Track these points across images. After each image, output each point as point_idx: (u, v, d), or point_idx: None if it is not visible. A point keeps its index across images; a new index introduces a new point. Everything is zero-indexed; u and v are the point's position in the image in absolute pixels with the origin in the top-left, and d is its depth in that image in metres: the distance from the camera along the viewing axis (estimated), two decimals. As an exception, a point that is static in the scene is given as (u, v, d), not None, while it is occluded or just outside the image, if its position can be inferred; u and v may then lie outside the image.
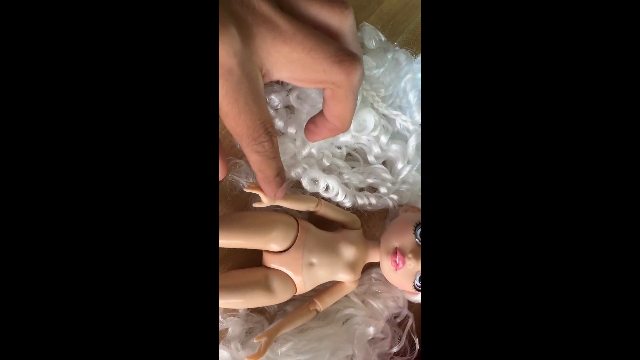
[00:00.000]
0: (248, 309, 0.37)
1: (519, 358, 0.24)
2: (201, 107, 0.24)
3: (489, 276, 0.24)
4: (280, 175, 0.32)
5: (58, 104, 0.23)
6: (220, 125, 0.39)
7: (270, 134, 0.29)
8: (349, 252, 0.36)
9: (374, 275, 0.39)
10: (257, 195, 0.34)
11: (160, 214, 0.24)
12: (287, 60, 0.28)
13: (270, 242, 0.34)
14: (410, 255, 0.34)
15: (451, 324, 0.24)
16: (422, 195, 0.36)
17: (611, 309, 0.23)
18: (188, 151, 0.24)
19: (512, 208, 0.24)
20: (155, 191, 0.24)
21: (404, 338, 0.38)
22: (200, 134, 0.24)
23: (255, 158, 0.30)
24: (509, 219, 0.24)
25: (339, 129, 0.33)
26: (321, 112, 0.33)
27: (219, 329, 0.36)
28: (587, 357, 0.23)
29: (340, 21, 0.30)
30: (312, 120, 0.34)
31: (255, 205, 0.34)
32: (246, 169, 0.37)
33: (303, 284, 0.35)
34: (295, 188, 0.38)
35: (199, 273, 0.24)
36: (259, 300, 0.34)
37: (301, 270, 0.34)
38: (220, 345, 0.35)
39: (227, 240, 0.34)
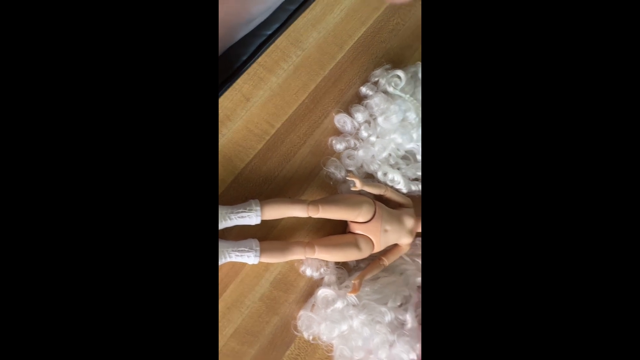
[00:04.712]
0: (336, 263, 0.52)
1: (519, 356, 0.23)
2: (203, 106, 0.25)
3: (488, 272, 0.23)
4: None
5: (66, 108, 0.24)
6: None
7: None
8: (408, 222, 0.52)
9: (417, 242, 0.56)
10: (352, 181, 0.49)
11: (161, 213, 0.25)
12: None
13: (359, 215, 0.50)
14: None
15: (451, 321, 0.24)
16: (422, 190, 0.49)
17: (612, 306, 0.22)
18: (189, 147, 0.24)
19: (513, 204, 0.23)
20: (157, 192, 0.24)
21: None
22: (201, 131, 0.24)
23: None
24: (510, 214, 0.23)
25: None
26: None
27: (320, 277, 0.52)
28: (587, 353, 0.23)
29: None
30: None
31: (352, 188, 0.50)
32: (338, 163, 0.53)
33: (380, 244, 0.51)
34: (369, 178, 0.54)
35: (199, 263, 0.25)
36: (352, 255, 0.50)
37: (380, 235, 0.50)
38: (323, 288, 0.51)
39: (330, 213, 0.49)
